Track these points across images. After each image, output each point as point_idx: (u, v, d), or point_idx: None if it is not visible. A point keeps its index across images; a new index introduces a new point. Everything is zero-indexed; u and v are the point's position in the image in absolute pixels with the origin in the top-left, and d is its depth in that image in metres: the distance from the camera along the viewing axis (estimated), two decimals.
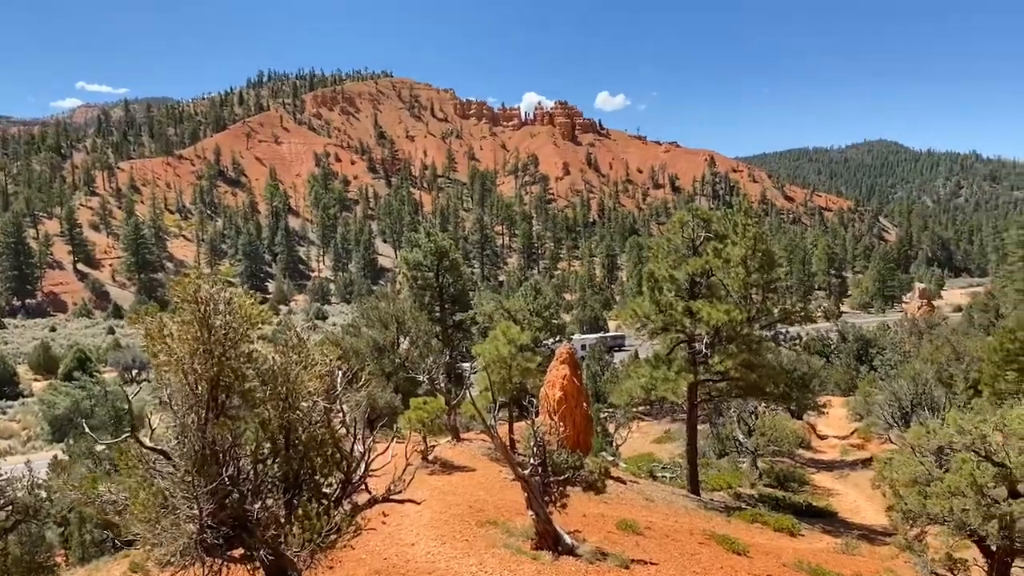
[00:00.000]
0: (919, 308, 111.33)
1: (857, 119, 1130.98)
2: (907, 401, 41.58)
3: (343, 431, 11.22)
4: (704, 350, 28.99)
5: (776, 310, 33.79)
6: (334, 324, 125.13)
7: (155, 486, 9.37)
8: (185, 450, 9.61)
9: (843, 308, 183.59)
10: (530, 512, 15.31)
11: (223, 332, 9.78)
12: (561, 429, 20.96)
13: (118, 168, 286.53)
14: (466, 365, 65.34)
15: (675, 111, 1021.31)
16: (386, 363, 51.62)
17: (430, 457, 26.07)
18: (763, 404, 41.23)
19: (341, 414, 11.22)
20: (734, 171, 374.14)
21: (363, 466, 11.05)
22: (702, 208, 31.00)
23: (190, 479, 9.05)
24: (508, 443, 24.93)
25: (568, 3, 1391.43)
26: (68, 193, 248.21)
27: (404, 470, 11.74)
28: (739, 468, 38.32)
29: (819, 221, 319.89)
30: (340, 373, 11.41)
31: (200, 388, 9.64)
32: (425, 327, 56.87)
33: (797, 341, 44.44)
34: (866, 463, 40.55)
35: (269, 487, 10.17)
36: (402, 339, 58.95)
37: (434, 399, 27.05)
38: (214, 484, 9.16)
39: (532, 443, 15.03)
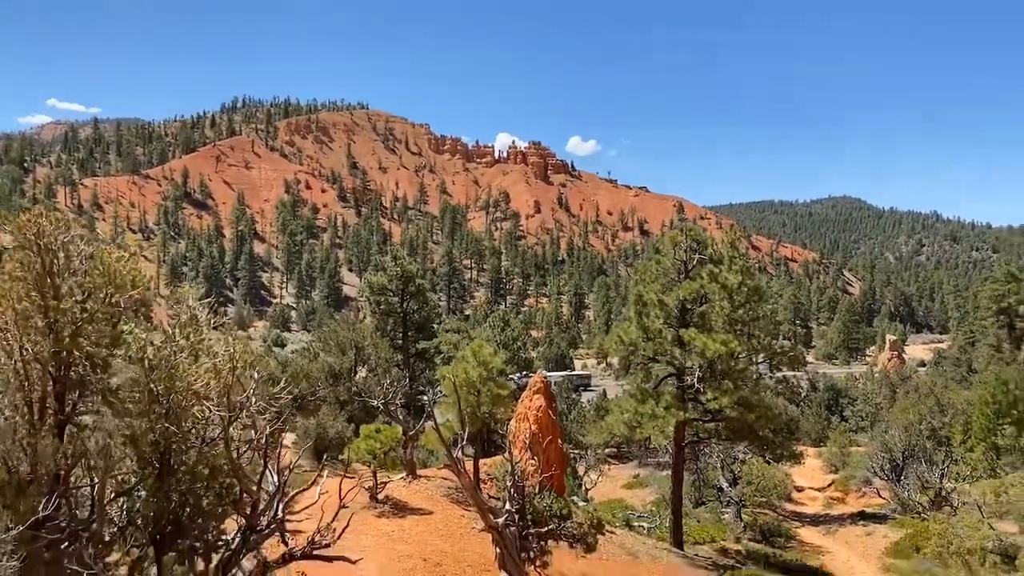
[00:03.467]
0: (889, 360, 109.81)
1: (822, 175, 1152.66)
2: (899, 453, 38.95)
3: (253, 454, 7.97)
4: (696, 384, 26.05)
5: (770, 347, 31.10)
6: (292, 351, 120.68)
7: None
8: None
9: (808, 358, 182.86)
10: (502, 573, 12.13)
11: (77, 298, 6.58)
12: (531, 468, 17.87)
13: (81, 184, 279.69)
14: (428, 398, 61.71)
15: (645, 158, 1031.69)
16: (341, 391, 48.04)
17: (380, 496, 22.64)
18: (744, 449, 38.34)
19: (252, 431, 7.98)
20: (702, 218, 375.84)
21: (277, 506, 7.83)
22: (696, 228, 28.38)
23: None
24: (474, 482, 21.66)
25: (543, 51, 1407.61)
26: (27, 207, 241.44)
27: (336, 513, 8.49)
28: (722, 519, 35.26)
29: (784, 271, 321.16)
30: (254, 372, 8.12)
31: (33, 376, 6.42)
32: (386, 354, 53.45)
33: (784, 384, 41.89)
34: (854, 518, 37.74)
35: (132, 533, 6.92)
36: (360, 367, 55.39)
37: (388, 428, 23.69)
38: (26, 524, 5.86)
39: (509, 484, 11.89)
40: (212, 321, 8.05)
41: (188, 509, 7.09)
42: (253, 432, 8.01)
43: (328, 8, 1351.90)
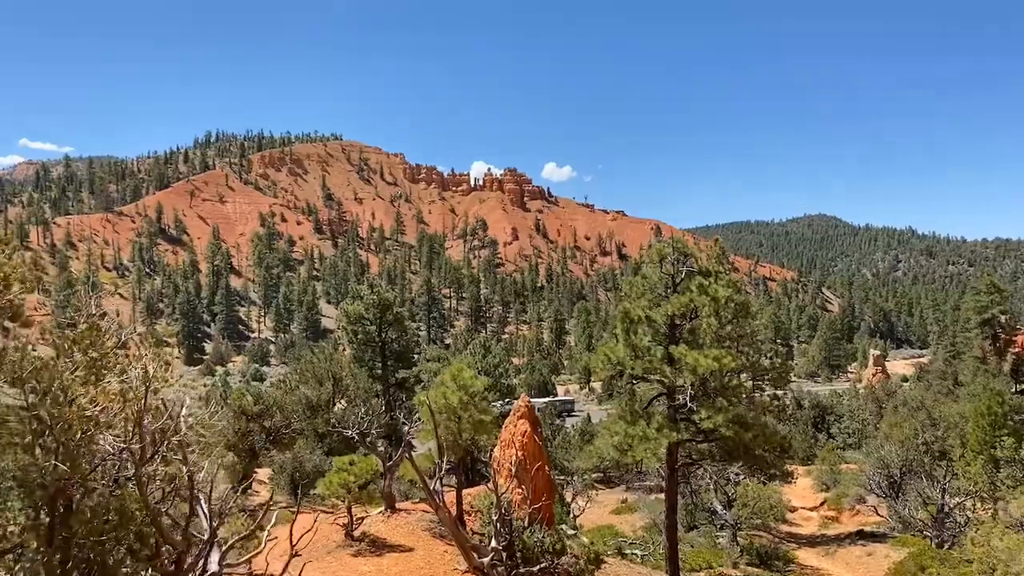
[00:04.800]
0: (874, 375, 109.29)
1: (797, 194, 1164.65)
2: (896, 469, 37.77)
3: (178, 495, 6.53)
4: (688, 403, 24.72)
5: (758, 364, 29.93)
6: (270, 385, 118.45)
7: None
8: None
9: (790, 376, 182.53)
10: None
11: None
12: (519, 498, 16.49)
13: (54, 223, 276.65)
14: (406, 426, 60.10)
15: (621, 183, 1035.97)
16: (319, 423, 46.41)
17: (356, 532, 21.06)
18: (736, 470, 37.01)
19: (185, 470, 6.55)
20: None
21: (207, 559, 6.41)
22: (682, 241, 27.23)
23: None
24: (456, 516, 20.13)
25: (516, 79, 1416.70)
26: None
27: (287, 564, 7.07)
28: (717, 544, 33.83)
29: (763, 291, 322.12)
30: (183, 397, 6.71)
31: None
32: (364, 384, 51.93)
33: (777, 401, 40.75)
34: (853, 538, 36.45)
35: None
36: (339, 398, 53.78)
37: (364, 459, 22.15)
38: None
39: (494, 518, 10.50)
40: (123, 332, 6.66)
41: (92, 568, 5.69)
42: (184, 468, 6.62)
43: (299, 41, 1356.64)
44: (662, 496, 54.84)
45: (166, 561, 6.19)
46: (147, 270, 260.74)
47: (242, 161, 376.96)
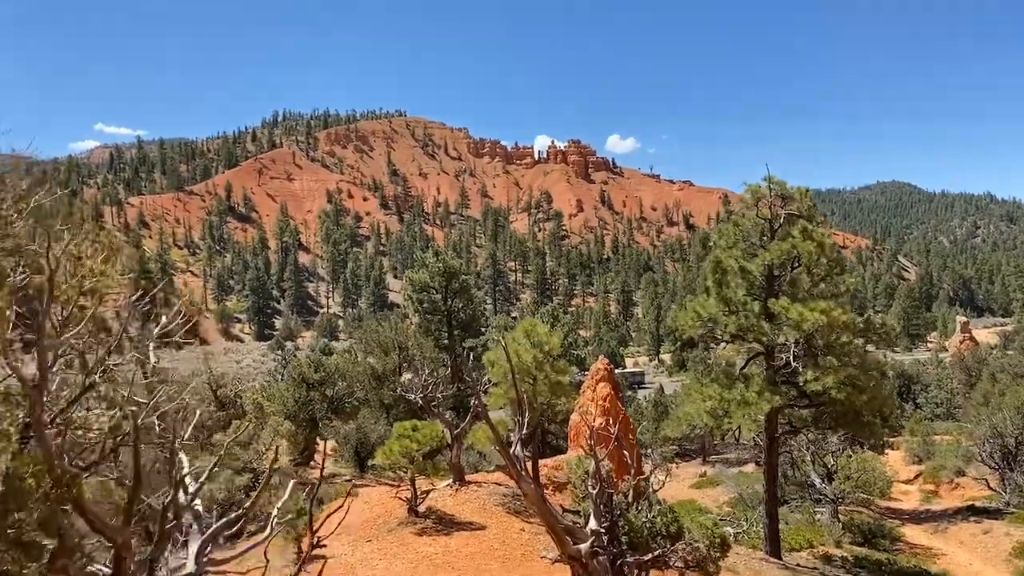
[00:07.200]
0: (961, 343, 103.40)
1: (870, 161, 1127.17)
2: (1012, 438, 34.21)
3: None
4: (792, 363, 21.89)
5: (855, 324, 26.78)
6: (336, 356, 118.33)
7: None
8: None
9: (868, 347, 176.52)
10: None
11: None
12: (617, 467, 14.18)
13: (127, 203, 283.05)
14: (475, 378, 58.10)
15: (686, 152, 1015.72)
16: (384, 393, 44.77)
17: (420, 508, 18.99)
18: (836, 439, 34.00)
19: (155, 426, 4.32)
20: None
21: (187, 548, 4.20)
22: (781, 181, 24.20)
23: None
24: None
25: (578, 51, 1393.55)
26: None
27: (307, 553, 4.82)
28: (816, 520, 30.99)
29: None
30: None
31: None
32: (431, 355, 50.12)
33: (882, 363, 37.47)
34: (964, 514, 33.13)
35: None
36: (406, 368, 52.20)
37: (427, 424, 20.02)
38: None
39: (593, 492, 8.18)
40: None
41: None
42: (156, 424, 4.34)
43: (362, 19, 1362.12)
44: (744, 469, 51.98)
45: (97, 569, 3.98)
46: (217, 247, 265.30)
47: (308, 139, 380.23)
